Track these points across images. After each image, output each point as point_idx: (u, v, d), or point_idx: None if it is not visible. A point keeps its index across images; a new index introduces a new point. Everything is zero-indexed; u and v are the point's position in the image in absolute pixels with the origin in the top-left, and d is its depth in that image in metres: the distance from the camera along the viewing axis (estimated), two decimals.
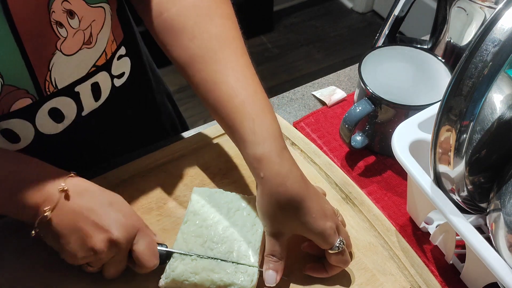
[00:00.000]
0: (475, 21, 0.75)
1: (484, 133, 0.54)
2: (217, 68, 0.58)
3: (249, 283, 0.57)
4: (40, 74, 0.60)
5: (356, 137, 0.76)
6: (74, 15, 0.59)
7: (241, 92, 0.57)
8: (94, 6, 0.61)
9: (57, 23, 0.58)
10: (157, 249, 0.58)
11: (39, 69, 0.59)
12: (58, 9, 0.57)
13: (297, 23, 2.52)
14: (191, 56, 0.60)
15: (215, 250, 0.59)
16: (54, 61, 0.60)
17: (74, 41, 0.61)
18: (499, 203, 0.53)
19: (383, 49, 0.77)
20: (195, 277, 0.57)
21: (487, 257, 0.52)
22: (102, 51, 0.66)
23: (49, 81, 0.61)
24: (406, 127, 0.62)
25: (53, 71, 0.61)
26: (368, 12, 2.58)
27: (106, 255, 0.54)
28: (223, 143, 0.74)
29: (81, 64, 0.64)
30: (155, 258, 0.57)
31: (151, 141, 0.77)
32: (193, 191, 0.64)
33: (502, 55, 0.48)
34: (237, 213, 0.62)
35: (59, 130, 0.66)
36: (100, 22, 0.63)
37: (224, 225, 0.61)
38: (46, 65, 0.60)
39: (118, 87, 0.72)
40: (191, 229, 0.60)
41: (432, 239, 0.64)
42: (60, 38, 0.59)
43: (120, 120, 0.76)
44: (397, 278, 0.61)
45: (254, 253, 0.59)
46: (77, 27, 0.60)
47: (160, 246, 0.59)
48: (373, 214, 0.66)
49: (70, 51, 0.61)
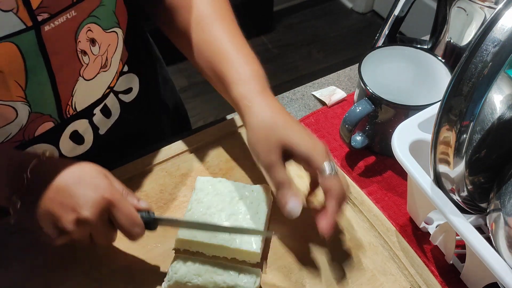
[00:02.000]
0: (475, 21, 0.75)
1: (484, 133, 0.54)
2: (209, 31, 0.66)
3: (253, 285, 0.57)
4: (64, 100, 0.63)
5: (356, 137, 0.76)
6: (95, 43, 0.62)
7: (229, 45, 0.64)
8: (108, 31, 0.64)
9: (82, 51, 0.61)
10: (137, 217, 0.55)
11: (64, 96, 0.63)
12: (83, 39, 0.60)
13: (297, 23, 2.52)
14: (187, 24, 0.67)
15: (218, 237, 0.60)
16: (77, 87, 0.63)
17: (94, 67, 0.64)
18: (499, 203, 0.53)
19: (383, 49, 0.77)
20: (198, 279, 0.57)
21: (487, 257, 0.52)
22: (115, 73, 0.69)
23: (69, 105, 0.64)
24: (406, 127, 0.62)
25: (75, 96, 0.64)
26: (368, 12, 2.58)
27: (80, 233, 0.53)
28: (224, 143, 0.74)
29: (99, 87, 0.67)
30: (137, 227, 0.55)
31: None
32: (197, 180, 0.66)
33: (502, 55, 0.48)
34: (240, 201, 0.63)
35: (82, 152, 0.70)
36: (114, 46, 0.67)
37: (227, 213, 0.62)
38: (70, 92, 0.63)
39: (128, 103, 0.75)
40: (195, 217, 0.61)
41: (432, 239, 0.64)
42: (83, 65, 0.62)
43: (133, 132, 0.78)
44: (397, 278, 0.61)
45: (256, 239, 0.60)
46: (97, 53, 0.63)
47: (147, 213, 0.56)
48: (373, 214, 0.67)
49: (90, 76, 0.64)
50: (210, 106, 2.07)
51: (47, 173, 0.54)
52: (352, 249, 0.64)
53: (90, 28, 0.60)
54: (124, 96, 0.74)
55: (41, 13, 0.53)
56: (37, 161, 0.54)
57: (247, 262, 0.61)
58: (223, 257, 0.61)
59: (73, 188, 0.52)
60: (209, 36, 0.65)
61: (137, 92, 0.76)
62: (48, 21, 0.55)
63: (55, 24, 0.55)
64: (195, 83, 2.17)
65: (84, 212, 0.52)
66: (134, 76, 0.75)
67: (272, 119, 0.58)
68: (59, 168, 0.54)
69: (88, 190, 0.53)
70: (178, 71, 2.19)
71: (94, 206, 0.52)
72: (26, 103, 0.59)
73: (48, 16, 0.54)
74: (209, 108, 2.06)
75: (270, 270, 0.61)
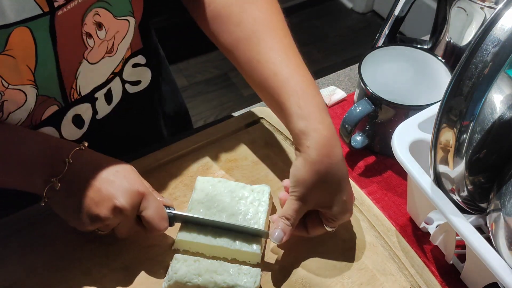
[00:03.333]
0: (475, 21, 0.75)
1: (484, 133, 0.54)
2: (261, 49, 0.61)
3: (252, 284, 0.57)
4: (68, 83, 0.63)
5: (356, 137, 0.76)
6: (102, 27, 0.62)
7: (284, 69, 0.60)
8: (120, 18, 0.64)
9: (87, 34, 0.61)
10: (165, 212, 0.59)
11: (67, 78, 0.63)
12: (89, 22, 0.60)
13: (297, 23, 2.52)
14: (236, 39, 0.63)
15: (218, 238, 0.60)
16: (80, 69, 0.63)
17: (98, 51, 0.64)
18: (499, 203, 0.53)
19: (383, 49, 0.77)
20: (198, 278, 0.57)
21: (487, 257, 0.52)
22: (121, 59, 0.69)
23: (74, 89, 0.65)
24: (406, 127, 0.62)
25: (79, 79, 0.64)
26: (368, 12, 2.58)
27: (112, 221, 0.56)
28: (224, 144, 0.74)
29: (102, 72, 0.67)
30: (164, 221, 0.58)
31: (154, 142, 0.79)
32: (197, 180, 0.65)
33: (502, 55, 0.48)
34: (240, 201, 0.63)
35: (79, 136, 0.70)
36: (122, 33, 0.66)
37: (228, 214, 0.62)
38: (73, 74, 0.63)
39: (131, 93, 0.75)
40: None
41: (432, 239, 0.64)
42: (88, 48, 0.62)
43: (129, 125, 0.78)
44: (397, 278, 0.61)
45: (257, 240, 0.60)
46: (103, 38, 0.63)
47: (168, 210, 0.60)
48: (373, 214, 0.66)
49: (94, 60, 0.64)
50: (210, 106, 2.08)
51: (89, 161, 0.57)
52: (352, 249, 0.64)
53: (97, 12, 0.60)
54: (131, 87, 0.74)
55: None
56: (79, 149, 0.57)
57: (248, 263, 0.61)
58: (223, 258, 0.61)
59: (113, 179, 0.56)
60: (262, 55, 0.61)
61: (144, 86, 0.76)
62: (63, 6, 0.56)
63: (67, 9, 0.56)
64: (195, 83, 2.17)
65: (121, 200, 0.55)
66: (147, 70, 0.76)
67: (327, 169, 0.56)
68: (100, 159, 0.58)
69: (124, 182, 0.56)
70: (178, 71, 2.19)
71: (130, 197, 0.55)
72: (34, 86, 0.60)
73: (63, 1, 0.55)
74: (209, 108, 2.07)
75: (270, 270, 0.61)
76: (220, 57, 2.17)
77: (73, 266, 0.60)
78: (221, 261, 0.59)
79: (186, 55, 2.24)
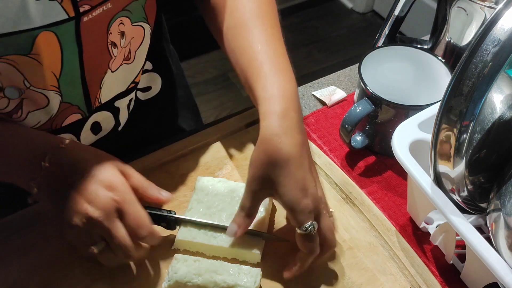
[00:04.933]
0: (475, 21, 0.74)
1: (484, 133, 0.54)
2: (246, 37, 0.63)
3: (253, 284, 0.57)
4: (92, 92, 0.64)
5: (356, 137, 0.76)
6: (124, 36, 0.63)
7: (262, 56, 0.61)
8: (135, 24, 0.65)
9: (112, 43, 0.62)
10: (144, 219, 0.54)
11: (92, 87, 0.63)
12: (114, 31, 0.61)
13: (297, 23, 2.52)
14: (226, 28, 0.65)
15: (218, 238, 0.60)
16: (105, 79, 0.64)
17: (118, 58, 0.65)
18: (499, 203, 0.53)
19: (383, 49, 0.77)
20: (198, 278, 0.57)
21: (487, 257, 0.52)
22: (140, 68, 0.69)
23: (97, 98, 0.65)
24: (406, 127, 0.62)
25: (102, 89, 0.65)
26: (368, 12, 2.58)
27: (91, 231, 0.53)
28: (224, 143, 0.74)
29: (122, 79, 0.68)
30: (144, 228, 0.54)
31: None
32: (197, 180, 0.66)
33: (502, 55, 0.48)
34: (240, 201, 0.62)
35: (94, 140, 0.70)
36: (138, 40, 0.67)
37: (228, 213, 0.62)
38: (98, 84, 0.64)
39: (143, 101, 0.75)
40: (195, 217, 0.61)
41: (432, 239, 0.64)
42: (113, 57, 0.63)
43: (144, 134, 0.78)
44: (397, 278, 0.61)
45: (256, 241, 0.60)
46: (124, 45, 0.64)
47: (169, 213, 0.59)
48: (373, 214, 0.67)
49: (114, 67, 0.65)
50: (210, 106, 2.07)
51: (65, 164, 0.55)
52: (352, 249, 0.64)
53: (122, 21, 0.61)
54: (142, 94, 0.75)
55: (84, 4, 0.55)
56: (56, 151, 0.55)
57: (248, 262, 0.61)
58: (223, 257, 0.61)
59: (87, 183, 0.53)
60: (245, 42, 0.62)
61: (155, 93, 0.77)
62: (88, 12, 0.56)
63: (92, 15, 0.57)
64: (195, 83, 2.17)
65: (91, 209, 0.52)
66: (157, 76, 0.76)
67: (274, 153, 0.54)
68: (77, 160, 0.55)
69: (100, 189, 0.53)
70: None
71: (102, 208, 0.52)
72: (58, 92, 0.60)
73: (89, 7, 0.56)
74: (209, 108, 2.07)
75: (270, 270, 0.61)
76: (220, 57, 2.17)
77: (73, 266, 0.60)
78: (221, 261, 0.59)
79: (186, 56, 2.24)
